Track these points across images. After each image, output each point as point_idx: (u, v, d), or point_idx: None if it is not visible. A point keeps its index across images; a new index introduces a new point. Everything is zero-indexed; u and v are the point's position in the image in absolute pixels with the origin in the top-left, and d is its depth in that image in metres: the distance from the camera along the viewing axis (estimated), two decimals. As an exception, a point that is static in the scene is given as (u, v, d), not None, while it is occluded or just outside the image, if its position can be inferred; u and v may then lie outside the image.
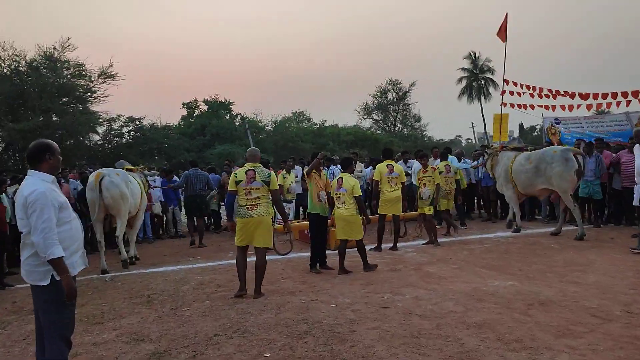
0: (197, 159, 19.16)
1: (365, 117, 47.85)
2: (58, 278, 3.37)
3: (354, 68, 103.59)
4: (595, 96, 13.25)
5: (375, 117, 48.54)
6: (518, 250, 8.72)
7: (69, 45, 21.61)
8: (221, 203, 13.36)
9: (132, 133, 27.34)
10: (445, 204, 10.38)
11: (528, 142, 12.46)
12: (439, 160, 11.32)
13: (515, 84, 14.24)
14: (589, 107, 13.72)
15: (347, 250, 7.98)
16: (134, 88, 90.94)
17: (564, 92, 13.69)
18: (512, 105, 14.50)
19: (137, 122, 27.40)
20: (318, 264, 7.76)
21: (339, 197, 7.61)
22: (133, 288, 7.26)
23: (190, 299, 6.39)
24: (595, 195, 10.74)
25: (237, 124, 37.53)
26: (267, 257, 6.44)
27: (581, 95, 13.43)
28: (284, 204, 13.46)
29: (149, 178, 10.92)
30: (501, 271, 7.12)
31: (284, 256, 8.64)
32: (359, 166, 13.04)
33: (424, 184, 9.57)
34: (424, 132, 47.27)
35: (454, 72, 56.13)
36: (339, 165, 12.64)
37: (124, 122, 26.87)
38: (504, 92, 14.12)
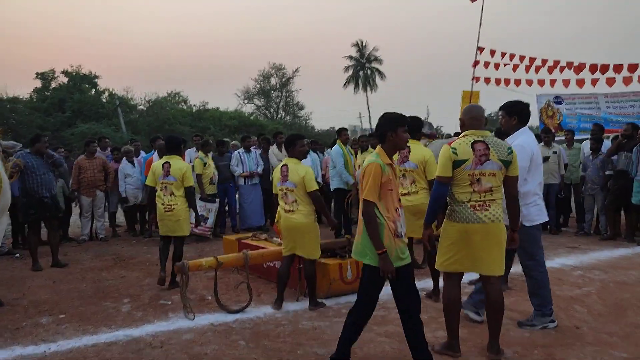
0: (54, 140, 13.90)
1: (246, 102, 43.33)
2: None
3: (235, 52, 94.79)
4: (618, 68, 9.90)
5: (257, 102, 44.06)
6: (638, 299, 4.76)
7: None
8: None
9: (-35, 105, 20.74)
10: None
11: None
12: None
13: (492, 52, 10.88)
14: (610, 81, 10.26)
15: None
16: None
17: (568, 63, 10.34)
18: (487, 80, 11.21)
19: (-26, 93, 20.84)
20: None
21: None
22: None
23: None
24: None
25: (104, 100, 31.12)
26: (208, 323, 3.94)
27: (594, 68, 10.08)
28: (202, 203, 8.08)
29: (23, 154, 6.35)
30: None
31: (237, 313, 4.50)
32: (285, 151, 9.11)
33: None
34: (308, 121, 43.76)
35: (340, 60, 53.11)
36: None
37: (-45, 91, 20.24)
38: (476, 63, 10.81)
